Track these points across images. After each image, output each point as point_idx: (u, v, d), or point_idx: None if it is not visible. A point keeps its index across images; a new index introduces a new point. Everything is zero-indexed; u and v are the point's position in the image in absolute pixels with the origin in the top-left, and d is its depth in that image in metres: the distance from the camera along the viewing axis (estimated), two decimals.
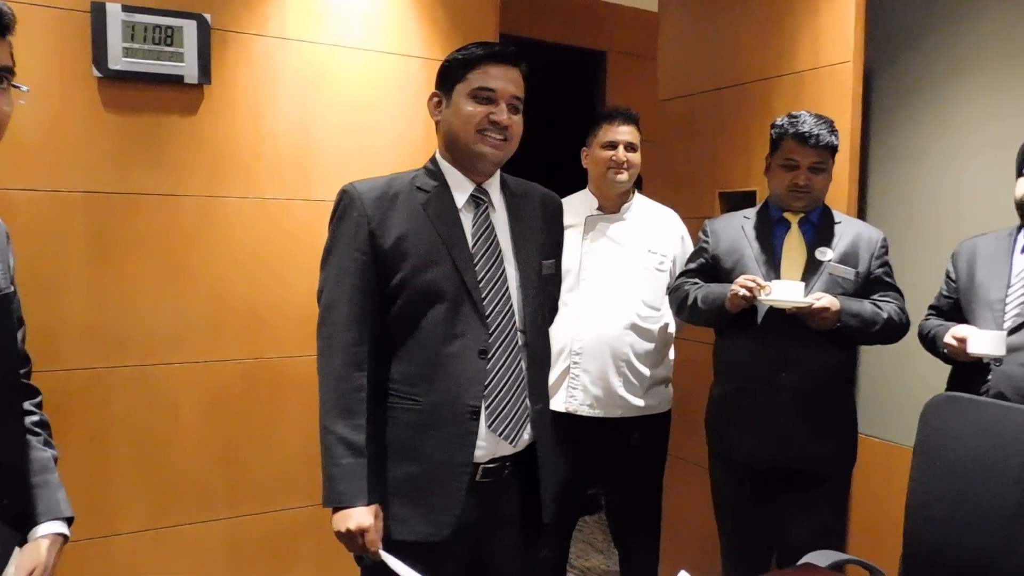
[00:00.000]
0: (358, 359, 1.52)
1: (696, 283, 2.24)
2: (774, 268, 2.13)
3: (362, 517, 1.48)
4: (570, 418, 2.34)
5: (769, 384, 2.08)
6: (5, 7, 1.14)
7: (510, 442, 1.58)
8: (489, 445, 1.57)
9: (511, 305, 1.60)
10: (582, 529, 3.75)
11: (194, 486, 2.42)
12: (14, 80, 1.21)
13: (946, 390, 1.94)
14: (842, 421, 2.16)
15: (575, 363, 2.33)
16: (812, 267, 2.11)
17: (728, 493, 2.25)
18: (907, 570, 1.72)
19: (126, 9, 2.23)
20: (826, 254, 2.12)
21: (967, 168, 2.45)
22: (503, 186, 1.68)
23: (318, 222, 1.61)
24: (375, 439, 1.53)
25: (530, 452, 1.65)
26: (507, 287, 1.60)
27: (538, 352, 1.66)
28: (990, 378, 1.90)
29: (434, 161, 1.64)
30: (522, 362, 1.61)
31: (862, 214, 2.63)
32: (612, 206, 2.42)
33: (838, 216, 2.20)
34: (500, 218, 1.65)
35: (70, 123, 2.22)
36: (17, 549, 1.26)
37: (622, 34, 4.21)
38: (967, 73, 2.45)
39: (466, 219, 1.60)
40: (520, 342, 1.61)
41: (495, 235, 1.62)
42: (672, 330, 2.44)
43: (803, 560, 1.71)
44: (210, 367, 2.43)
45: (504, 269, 1.61)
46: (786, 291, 1.99)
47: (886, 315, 2.07)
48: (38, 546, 1.27)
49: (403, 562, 1.47)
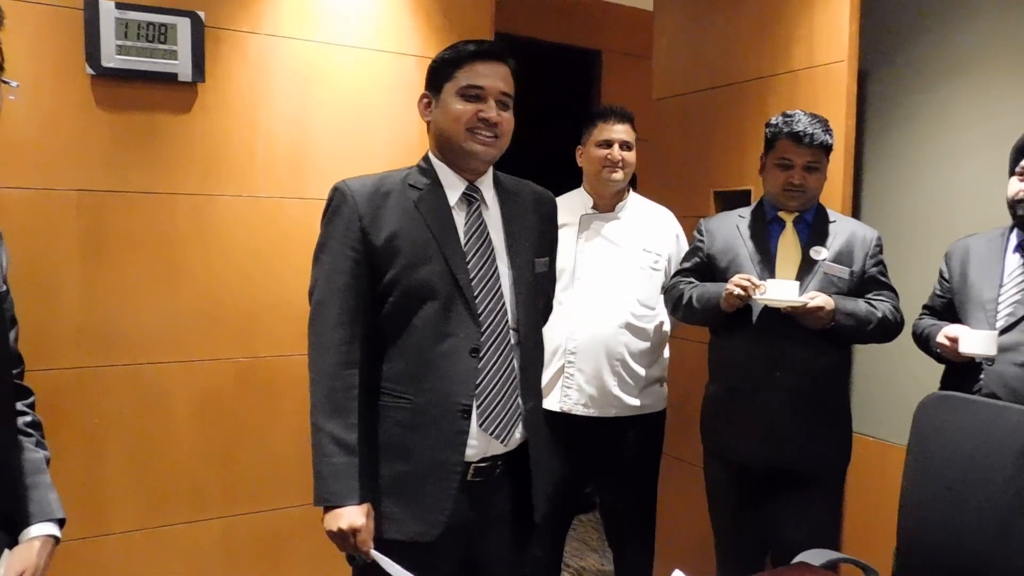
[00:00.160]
0: (349, 358, 1.51)
1: (691, 282, 2.24)
2: (769, 267, 2.13)
3: (354, 516, 1.47)
4: (564, 417, 2.33)
5: (764, 383, 2.08)
6: None
7: (501, 441, 1.58)
8: (480, 444, 1.56)
9: (503, 303, 1.59)
10: (576, 528, 3.75)
11: (187, 485, 2.41)
12: (4, 76, 1.20)
13: (939, 389, 1.95)
14: (836, 420, 2.17)
15: (570, 362, 2.33)
16: (807, 266, 2.11)
17: (723, 492, 2.25)
18: (900, 568, 1.72)
19: (119, 6, 2.22)
20: (821, 253, 2.12)
21: (961, 167, 2.46)
22: (496, 184, 1.67)
23: (312, 221, 1.61)
24: (366, 438, 1.52)
25: (522, 451, 1.64)
26: (499, 285, 1.59)
27: (530, 351, 1.65)
28: (982, 377, 1.90)
29: (427, 159, 1.63)
30: (514, 361, 1.60)
31: (856, 213, 2.64)
32: (607, 205, 2.42)
33: (833, 215, 2.21)
34: (493, 216, 1.64)
35: (63, 121, 2.21)
36: (7, 551, 1.26)
37: (617, 33, 4.21)
38: (961, 73, 2.46)
39: (459, 217, 1.59)
40: (512, 341, 1.61)
41: (488, 233, 1.61)
42: (667, 328, 2.44)
43: (797, 559, 1.71)
44: (204, 366, 2.42)
45: (497, 267, 1.60)
46: (781, 290, 1.99)
47: (880, 314, 2.08)
48: (29, 548, 1.26)
49: (394, 562, 1.46)
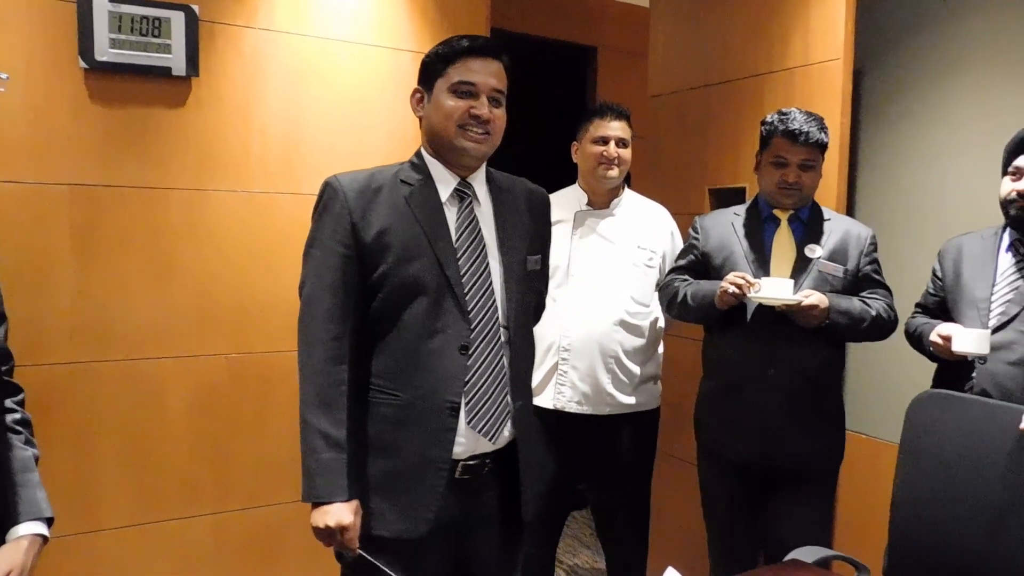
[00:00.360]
0: (339, 353, 1.50)
1: (686, 280, 2.24)
2: (763, 265, 2.13)
3: (341, 514, 1.46)
4: (558, 415, 2.33)
5: (757, 381, 2.08)
6: None
7: (489, 439, 1.57)
8: (468, 442, 1.56)
9: (494, 300, 1.58)
10: (570, 524, 3.76)
11: (180, 481, 2.40)
12: None
13: (931, 387, 1.96)
14: (830, 418, 2.17)
15: (563, 359, 2.32)
16: (801, 264, 2.12)
17: (716, 489, 2.26)
18: (892, 565, 1.73)
19: (113, 0, 2.21)
20: (815, 251, 2.12)
21: (955, 166, 2.46)
22: (489, 180, 1.67)
23: (306, 216, 1.60)
24: (355, 434, 1.52)
25: (512, 450, 1.63)
26: (490, 282, 1.58)
27: (521, 348, 1.64)
28: (974, 376, 1.91)
29: (419, 155, 1.62)
30: (504, 358, 1.60)
31: (850, 211, 2.64)
32: (602, 202, 2.41)
33: (827, 213, 2.21)
34: (485, 212, 1.63)
35: (56, 115, 2.19)
36: None
37: (613, 30, 4.21)
38: (955, 72, 2.46)
39: (450, 213, 1.58)
40: (503, 338, 1.60)
41: (479, 229, 1.60)
42: (662, 326, 2.44)
43: (790, 556, 1.72)
44: (197, 362, 2.41)
45: (488, 264, 1.59)
46: (775, 288, 1.99)
47: (874, 312, 2.08)
48: (16, 547, 1.26)
49: (382, 559, 1.46)
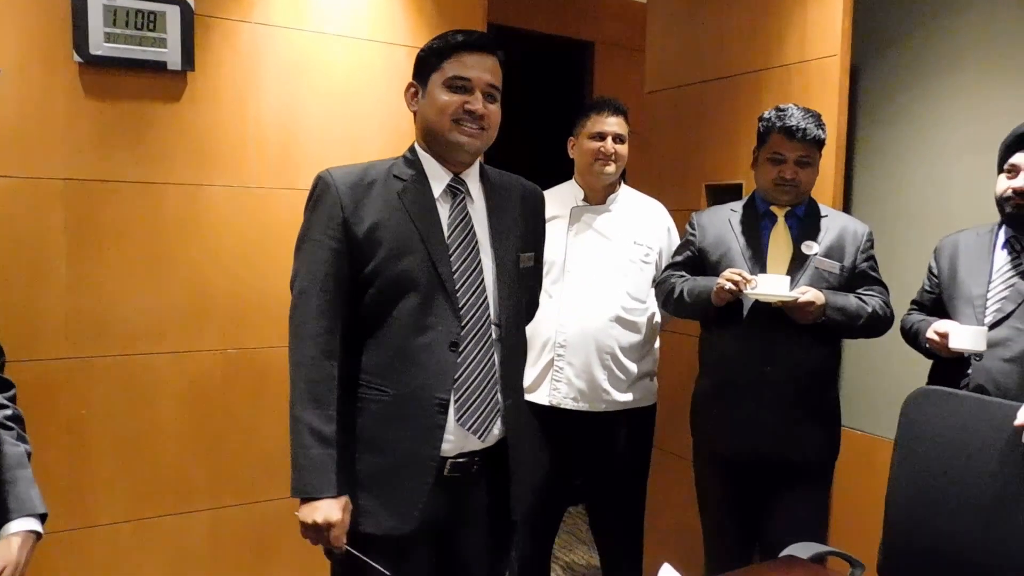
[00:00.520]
0: (329, 348, 1.50)
1: (682, 276, 2.24)
2: (760, 262, 2.13)
3: (330, 510, 1.45)
4: (554, 411, 2.33)
5: (753, 378, 2.08)
6: None
7: (479, 437, 1.56)
8: (457, 439, 1.55)
9: (485, 297, 1.57)
10: (566, 520, 3.75)
11: (174, 477, 2.40)
12: None
13: (927, 384, 1.96)
14: (825, 415, 2.17)
15: (559, 355, 2.32)
16: (798, 261, 2.12)
17: (712, 486, 2.26)
18: (887, 561, 1.73)
19: None
20: (812, 248, 2.12)
21: (951, 163, 2.46)
22: (483, 177, 1.66)
23: (302, 212, 1.60)
24: (344, 430, 1.51)
25: (502, 448, 1.62)
26: (482, 279, 1.58)
27: (512, 347, 1.63)
28: (970, 372, 1.91)
29: (412, 150, 1.61)
30: (495, 356, 1.58)
31: (847, 208, 2.64)
32: (598, 197, 2.40)
33: (824, 210, 2.21)
34: (478, 209, 1.62)
35: (50, 109, 2.18)
36: None
37: (610, 25, 4.20)
38: (952, 69, 2.46)
39: (443, 209, 1.57)
40: (494, 336, 1.59)
41: (472, 226, 1.59)
42: (658, 321, 2.43)
43: (785, 552, 1.73)
44: (192, 357, 2.41)
45: (480, 261, 1.58)
46: (772, 285, 1.99)
47: (870, 309, 2.09)
48: (9, 544, 1.25)
49: (369, 556, 1.45)
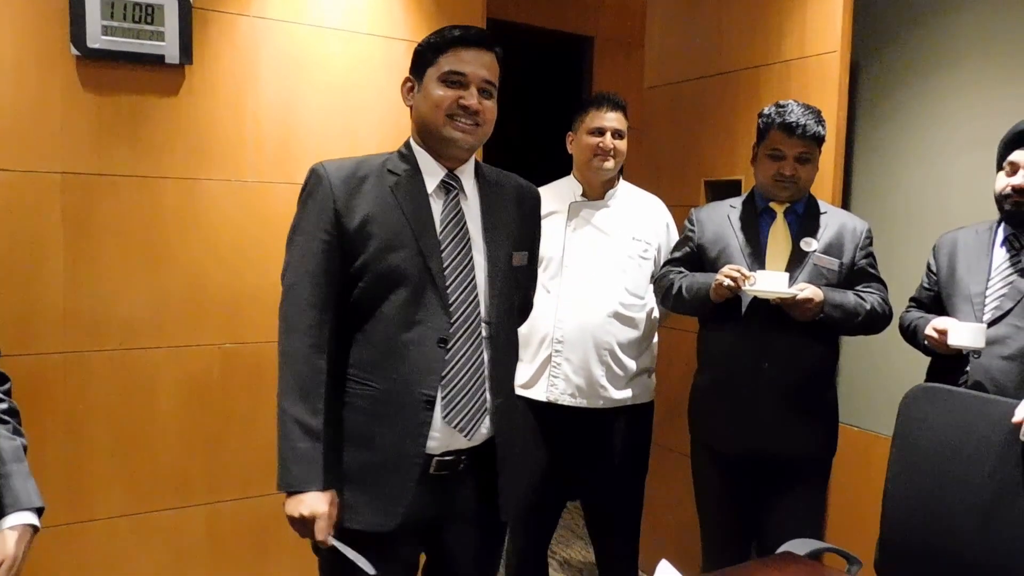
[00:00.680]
0: (319, 341, 1.49)
1: (681, 272, 2.24)
2: (759, 258, 2.13)
3: (315, 503, 1.45)
4: (551, 408, 2.32)
5: (751, 374, 2.08)
6: None
7: (465, 435, 1.54)
8: (443, 437, 1.53)
9: (476, 295, 1.56)
10: (563, 515, 3.75)
11: (172, 471, 2.39)
12: None
13: (925, 381, 1.96)
14: (823, 411, 2.18)
15: (557, 351, 2.31)
16: (797, 257, 2.12)
17: (709, 481, 2.26)
18: (883, 558, 1.74)
19: None
20: (811, 245, 2.12)
21: (950, 160, 2.46)
22: (478, 174, 1.64)
23: None
24: (332, 424, 1.50)
25: (491, 447, 1.60)
26: (473, 276, 1.56)
27: (502, 346, 1.61)
28: (968, 370, 1.92)
29: (407, 145, 1.61)
30: (484, 354, 1.57)
31: (846, 205, 2.65)
32: (596, 193, 2.39)
33: (823, 206, 2.21)
34: (472, 206, 1.61)
35: (47, 102, 2.17)
36: None
37: (609, 20, 4.19)
38: (952, 66, 2.46)
39: (436, 205, 1.56)
40: (484, 333, 1.57)
41: (464, 222, 1.58)
42: (656, 317, 2.43)
43: (782, 548, 1.73)
44: (189, 351, 2.40)
45: (472, 258, 1.57)
46: (770, 282, 1.99)
47: (869, 306, 2.09)
48: (5, 538, 1.25)
49: (353, 551, 1.44)
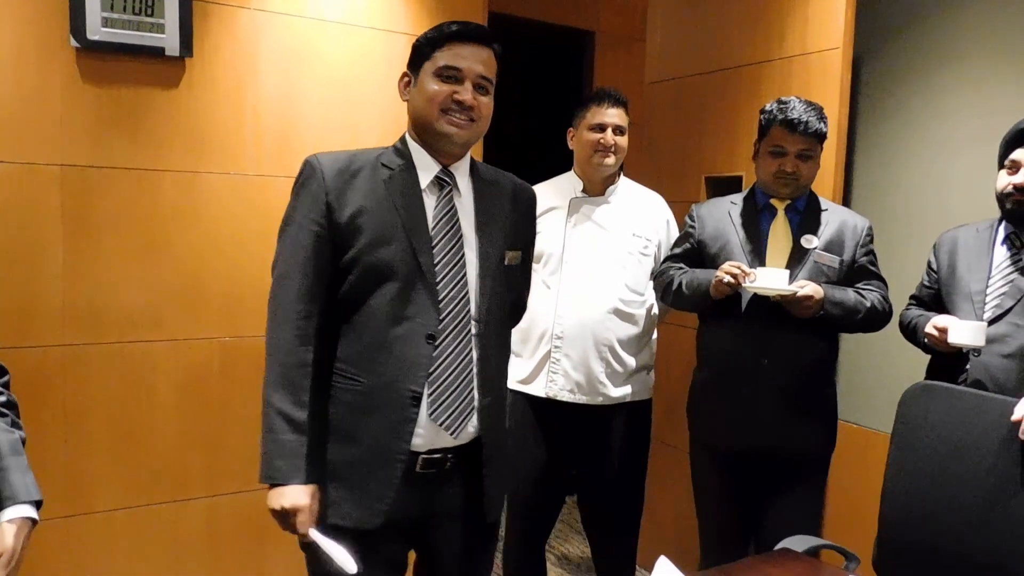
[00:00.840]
0: (306, 333, 1.48)
1: (681, 268, 2.23)
2: (759, 255, 2.13)
3: (297, 496, 1.44)
4: (550, 403, 2.32)
5: (751, 371, 2.08)
6: None
7: (451, 433, 1.52)
8: (429, 434, 1.52)
9: (467, 292, 1.55)
10: (561, 511, 3.75)
11: (171, 464, 2.40)
12: None
13: (925, 379, 1.96)
14: (822, 408, 2.18)
15: (556, 347, 2.31)
16: (797, 255, 2.11)
17: (708, 478, 2.26)
18: (881, 555, 1.74)
19: None
20: (812, 242, 2.12)
21: (952, 158, 2.46)
22: (472, 171, 1.63)
23: None
24: (317, 418, 1.49)
25: (478, 446, 1.59)
26: (464, 273, 1.55)
27: (492, 344, 1.59)
28: (968, 368, 1.92)
29: (403, 140, 1.60)
30: (473, 352, 1.55)
31: (847, 202, 2.64)
32: (597, 189, 2.39)
33: (824, 203, 2.20)
34: (465, 203, 1.60)
35: (47, 94, 2.16)
36: None
37: (611, 15, 4.18)
38: (954, 63, 2.45)
39: (429, 201, 1.56)
40: (473, 331, 1.55)
41: (457, 219, 1.57)
42: (656, 313, 2.42)
43: (780, 545, 1.73)
44: (188, 345, 2.40)
45: (464, 255, 1.55)
46: (771, 279, 1.99)
47: (869, 304, 2.08)
48: (3, 531, 1.24)
49: (334, 546, 1.44)
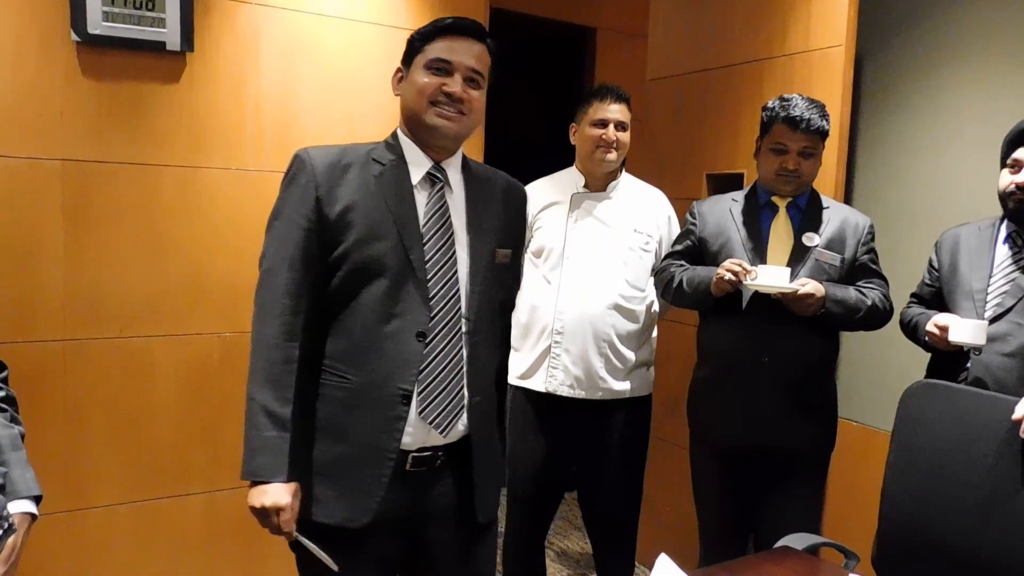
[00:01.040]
0: (292, 329, 1.45)
1: (682, 265, 2.23)
2: (760, 252, 2.12)
3: (279, 495, 1.42)
4: (549, 398, 2.32)
5: (751, 368, 2.08)
6: None
7: (441, 432, 1.51)
8: (418, 433, 1.50)
9: (457, 290, 1.53)
10: (560, 506, 3.75)
11: (171, 459, 2.40)
12: None
13: (925, 377, 1.96)
14: (822, 406, 2.17)
15: (556, 342, 2.31)
16: (798, 252, 2.11)
17: (708, 475, 2.26)
18: (880, 553, 1.74)
19: None
20: (813, 239, 2.12)
21: (954, 157, 2.45)
22: (464, 168, 1.63)
23: None
24: (305, 415, 1.48)
25: (468, 445, 1.58)
26: (455, 271, 1.54)
27: (483, 342, 1.58)
28: (969, 366, 1.91)
29: (395, 135, 1.59)
30: (463, 350, 1.54)
31: (848, 200, 2.64)
32: (599, 184, 2.38)
33: (826, 201, 2.20)
34: (456, 200, 1.59)
35: (47, 89, 2.16)
36: None
37: (612, 11, 4.17)
38: (958, 61, 2.45)
39: (420, 197, 1.54)
40: (464, 329, 1.54)
41: (448, 216, 1.56)
42: (656, 310, 2.42)
43: (780, 542, 1.73)
44: (188, 339, 2.40)
45: (455, 252, 1.54)
46: (771, 276, 1.99)
47: (870, 302, 2.08)
48: None
49: (322, 546, 1.43)
